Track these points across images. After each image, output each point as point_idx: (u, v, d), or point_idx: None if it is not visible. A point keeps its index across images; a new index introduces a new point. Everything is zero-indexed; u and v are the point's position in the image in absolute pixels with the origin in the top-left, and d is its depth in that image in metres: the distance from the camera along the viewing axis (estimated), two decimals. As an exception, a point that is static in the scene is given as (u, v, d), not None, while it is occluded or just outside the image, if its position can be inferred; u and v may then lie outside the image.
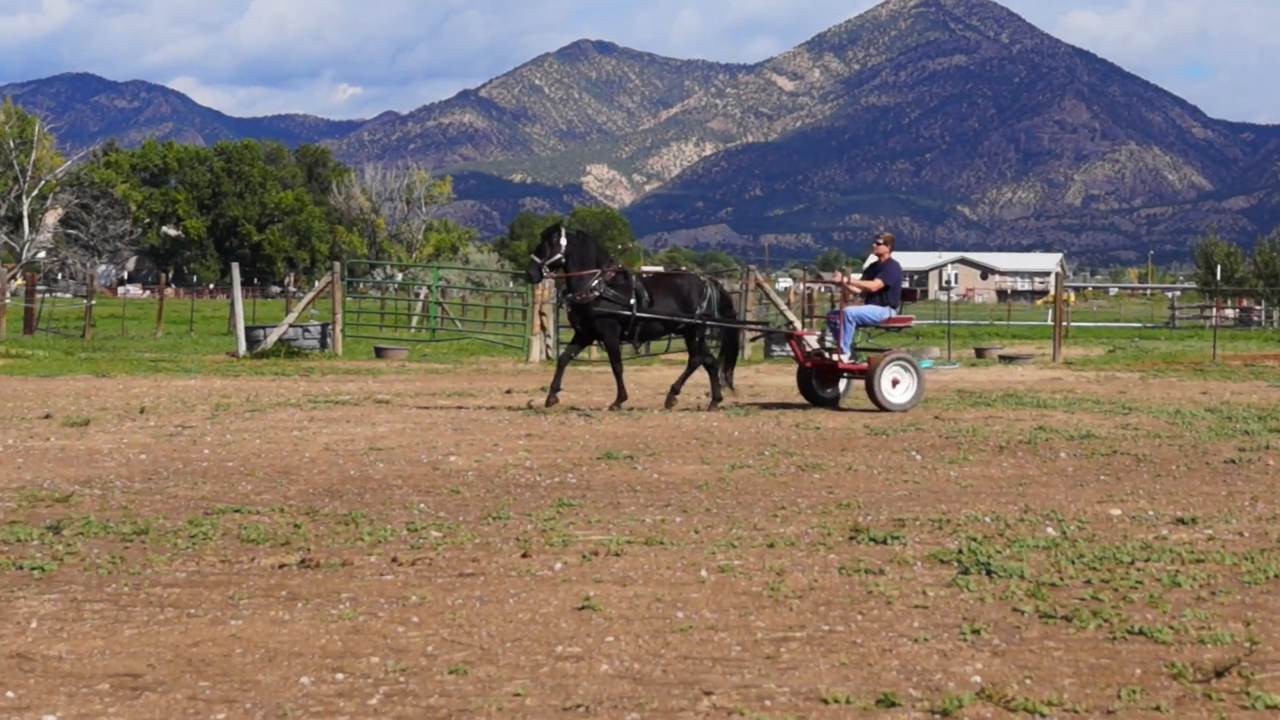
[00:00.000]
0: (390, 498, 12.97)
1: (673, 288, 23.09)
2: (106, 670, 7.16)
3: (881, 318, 23.38)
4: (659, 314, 22.51)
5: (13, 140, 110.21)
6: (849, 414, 21.71)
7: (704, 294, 22.96)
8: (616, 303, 22.20)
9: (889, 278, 23.40)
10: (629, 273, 23.05)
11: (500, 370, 34.21)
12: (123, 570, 9.50)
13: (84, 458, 15.51)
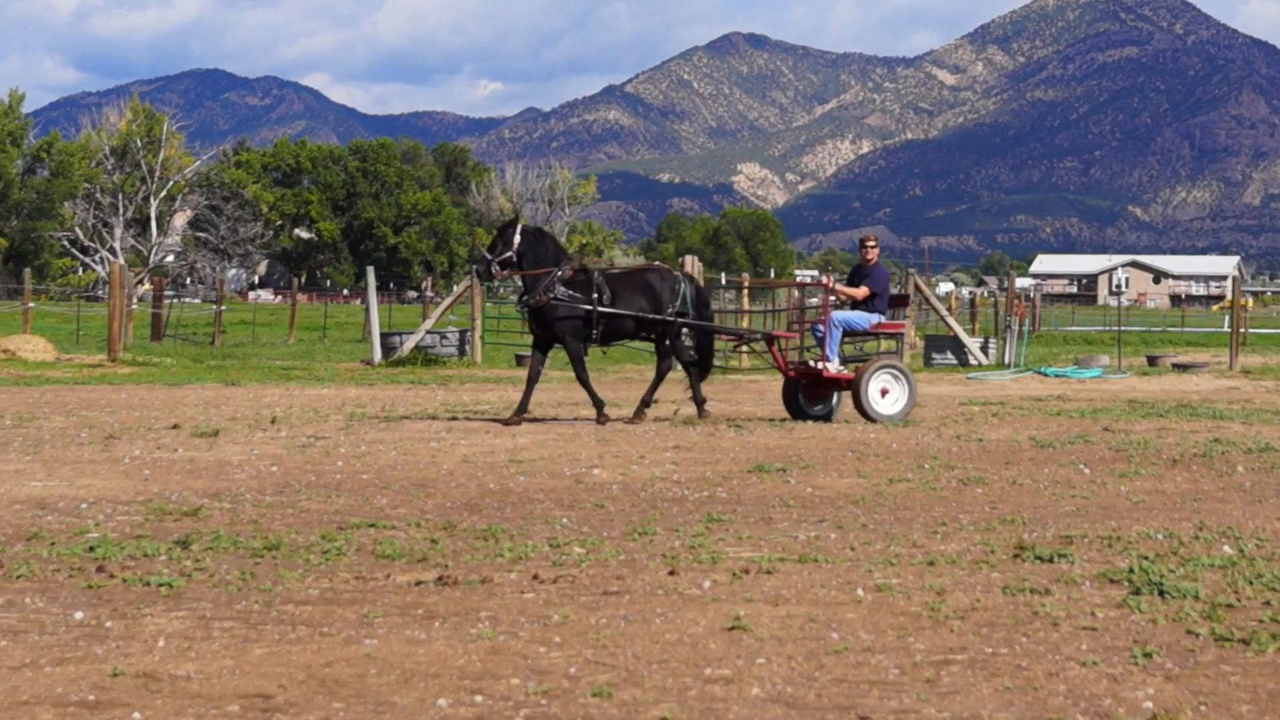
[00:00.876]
0: (531, 512, 13.02)
1: (641, 284, 22.34)
2: (236, 691, 7.24)
3: (869, 324, 22.79)
4: (622, 311, 21.83)
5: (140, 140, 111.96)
6: (1013, 425, 21.50)
7: (676, 290, 22.22)
8: (574, 302, 21.51)
9: (875, 283, 22.86)
10: (589, 269, 22.37)
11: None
12: (253, 587, 9.61)
13: (213, 470, 15.71)
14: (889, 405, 21.84)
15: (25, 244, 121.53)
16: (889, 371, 21.95)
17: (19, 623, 8.58)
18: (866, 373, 21.79)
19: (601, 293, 21.65)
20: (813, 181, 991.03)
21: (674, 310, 22.03)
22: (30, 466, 15.69)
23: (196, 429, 19.77)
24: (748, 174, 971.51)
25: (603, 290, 21.70)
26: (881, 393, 21.87)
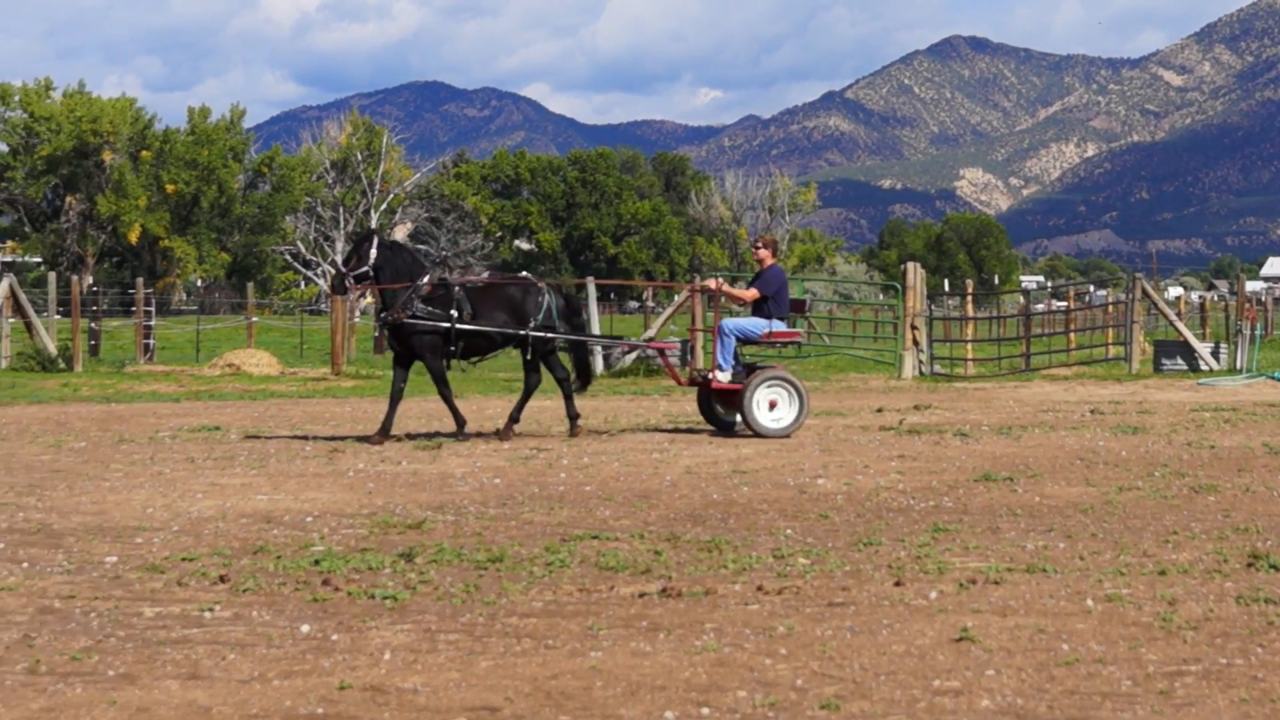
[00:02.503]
0: (755, 523, 13.03)
1: (502, 297, 21.47)
2: (463, 704, 7.33)
3: (762, 331, 21.63)
4: (482, 326, 21.07)
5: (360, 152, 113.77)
6: (1245, 432, 21.09)
7: (540, 303, 21.36)
8: (432, 318, 20.78)
9: (765, 286, 21.81)
10: (450, 282, 21.56)
11: (870, 387, 34.07)
12: (477, 599, 9.72)
13: (436, 482, 15.89)
14: (777, 418, 21.00)
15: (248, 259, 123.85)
16: (778, 383, 21.09)
17: (247, 636, 8.74)
18: (752, 384, 20.95)
19: (461, 308, 21.00)
20: (1037, 186, 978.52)
21: (537, 323, 21.20)
22: (256, 480, 15.99)
23: (420, 442, 20.00)
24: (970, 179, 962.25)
25: (463, 305, 21.05)
26: (770, 405, 21.02)
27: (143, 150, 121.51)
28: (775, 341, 21.80)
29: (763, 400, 20.88)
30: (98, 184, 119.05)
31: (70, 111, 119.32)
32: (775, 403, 20.95)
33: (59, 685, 7.66)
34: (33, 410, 26.61)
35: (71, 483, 15.59)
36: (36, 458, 18.19)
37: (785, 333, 21.86)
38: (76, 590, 9.99)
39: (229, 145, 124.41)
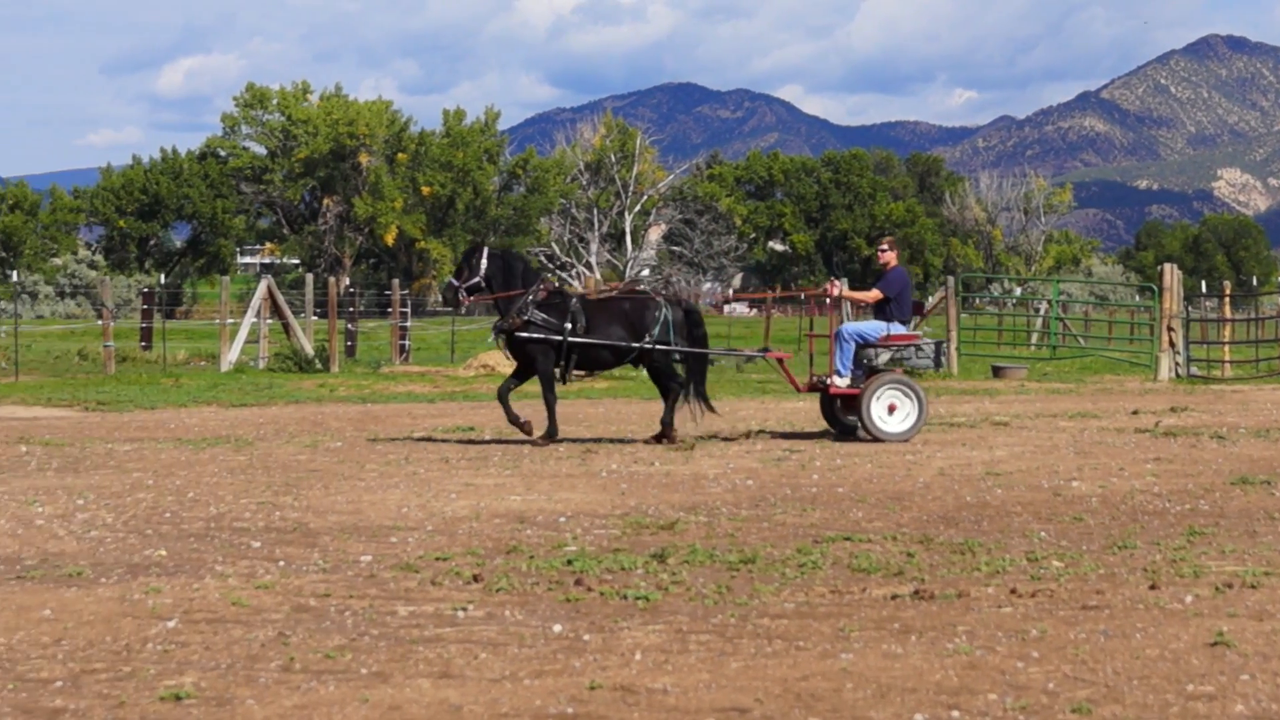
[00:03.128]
0: (1008, 525, 12.90)
1: (618, 311, 21.06)
2: (712, 705, 7.34)
3: (880, 334, 21.32)
4: (597, 340, 20.72)
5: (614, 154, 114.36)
6: None
7: (657, 316, 20.90)
8: (547, 327, 20.56)
9: (889, 288, 21.52)
10: (566, 293, 21.38)
11: (1126, 389, 33.57)
12: (729, 600, 9.72)
13: (689, 483, 15.93)
14: (896, 423, 20.60)
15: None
16: (896, 387, 20.75)
17: (499, 635, 8.83)
18: (871, 388, 20.65)
19: (576, 320, 20.67)
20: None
21: (653, 338, 20.81)
22: (510, 481, 16.15)
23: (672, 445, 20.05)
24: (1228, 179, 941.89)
25: (578, 317, 20.70)
26: (889, 409, 20.62)
27: (399, 153, 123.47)
28: (892, 345, 21.34)
29: (882, 404, 20.61)
30: (354, 186, 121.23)
31: (327, 114, 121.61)
32: (894, 406, 20.64)
33: (312, 683, 7.79)
34: (290, 410, 27.15)
35: (327, 482, 15.88)
36: (293, 457, 18.56)
37: (904, 335, 21.51)
38: (331, 589, 10.17)
39: (484, 147, 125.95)
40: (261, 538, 12.32)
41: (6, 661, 8.17)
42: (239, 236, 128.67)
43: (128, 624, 9.06)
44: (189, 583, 10.32)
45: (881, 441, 20.14)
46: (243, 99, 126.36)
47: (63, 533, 12.50)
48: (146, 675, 7.90)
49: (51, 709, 7.31)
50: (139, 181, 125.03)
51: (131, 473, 16.67)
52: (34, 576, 10.56)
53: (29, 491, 14.82)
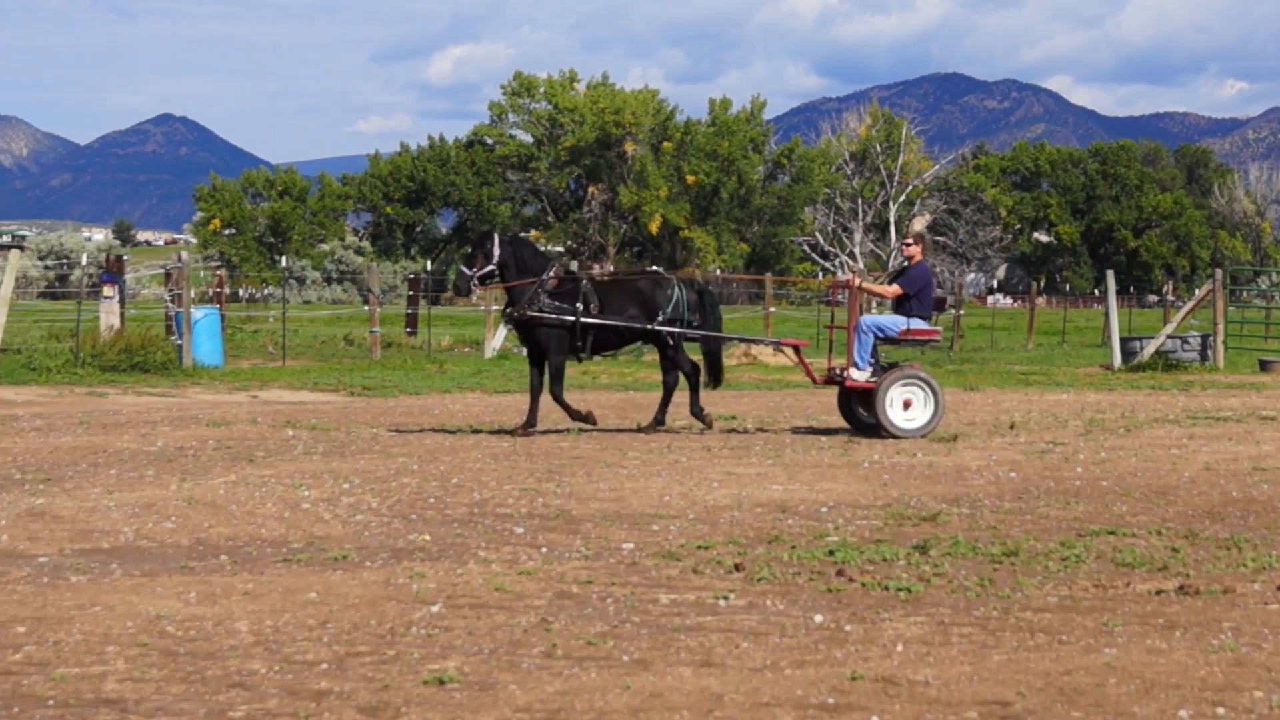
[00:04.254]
0: (1275, 521, 12.65)
1: (631, 291, 20.71)
2: (974, 698, 7.26)
3: (899, 329, 20.66)
4: (611, 320, 20.33)
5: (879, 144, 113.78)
6: None
7: (669, 296, 20.61)
8: (559, 312, 20.10)
9: (910, 284, 20.84)
10: (576, 276, 20.82)
11: None
12: (991, 593, 9.62)
13: (951, 475, 15.79)
14: (911, 419, 19.98)
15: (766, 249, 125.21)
16: (911, 382, 20.13)
17: (760, 624, 8.81)
18: (886, 383, 19.99)
19: (589, 302, 20.24)
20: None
21: (666, 317, 20.47)
22: (772, 470, 16.12)
23: (935, 434, 19.90)
24: None
25: (590, 299, 20.27)
26: (904, 405, 20.01)
27: (664, 141, 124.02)
28: (912, 340, 20.93)
29: (897, 399, 20.04)
30: (619, 174, 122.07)
31: (594, 103, 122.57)
32: (910, 402, 20.07)
33: (574, 669, 7.84)
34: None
35: (590, 469, 15.97)
36: (555, 444, 18.70)
37: (923, 330, 20.94)
38: (594, 576, 10.22)
39: (749, 136, 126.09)
40: (524, 524, 12.43)
41: (273, 643, 8.32)
42: (504, 224, 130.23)
43: (392, 608, 9.19)
44: (453, 568, 10.44)
45: (898, 438, 19.69)
46: (510, 87, 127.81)
47: (328, 516, 12.72)
48: (410, 659, 8.01)
49: (317, 691, 7.43)
50: (406, 169, 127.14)
51: (396, 458, 16.92)
52: (300, 559, 10.75)
53: (295, 475, 15.11)
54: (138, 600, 9.26)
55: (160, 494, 13.69)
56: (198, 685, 7.48)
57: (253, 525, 12.22)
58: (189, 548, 11.27)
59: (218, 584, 9.79)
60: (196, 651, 8.11)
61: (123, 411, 23.06)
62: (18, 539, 11.42)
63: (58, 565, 10.43)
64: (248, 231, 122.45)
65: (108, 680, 7.54)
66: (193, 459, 16.67)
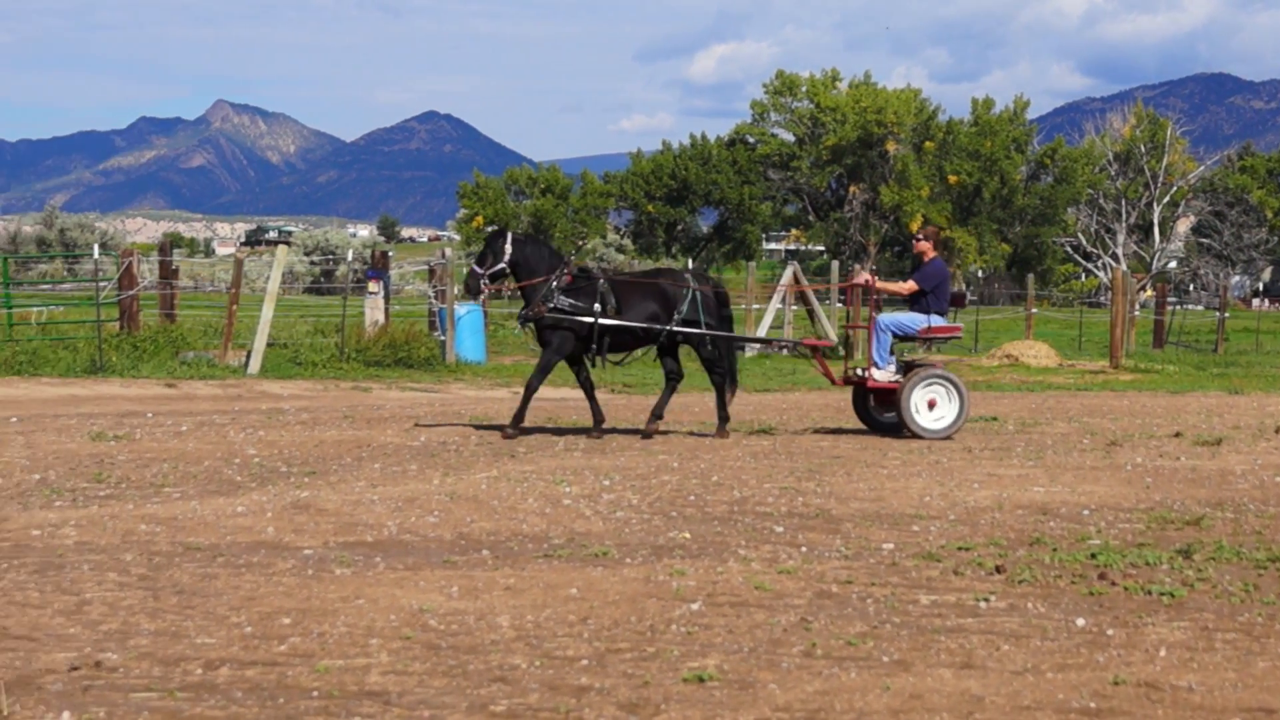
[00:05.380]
0: None
1: (650, 289, 19.90)
2: (1239, 704, 7.12)
3: (919, 326, 20.18)
4: (631, 321, 19.53)
5: (1144, 145, 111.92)
6: None
7: (685, 294, 19.78)
8: (574, 311, 19.30)
9: (924, 280, 20.29)
10: (592, 273, 20.01)
11: None
12: (1256, 599, 9.43)
13: (1215, 479, 15.48)
14: (936, 419, 19.46)
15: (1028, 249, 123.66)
16: (938, 381, 19.58)
17: (1021, 627, 8.71)
18: (911, 382, 19.44)
19: (605, 302, 19.46)
20: None
21: (682, 316, 19.65)
22: (1033, 472, 15.93)
23: (1198, 437, 19.53)
24: None
25: (607, 299, 19.50)
26: (928, 405, 19.44)
27: (926, 141, 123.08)
28: (933, 338, 20.45)
29: (921, 399, 19.54)
30: (881, 174, 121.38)
31: (855, 102, 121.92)
32: (934, 402, 19.58)
33: (834, 669, 7.80)
34: (813, 396, 27.37)
35: (850, 469, 15.90)
36: (816, 444, 18.65)
37: (944, 328, 20.59)
38: (853, 576, 10.17)
39: (1012, 136, 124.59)
40: (784, 523, 12.41)
41: (534, 638, 8.38)
42: (765, 223, 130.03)
43: (652, 605, 9.21)
44: (712, 566, 10.44)
45: (922, 438, 19.25)
46: (772, 86, 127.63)
47: (589, 513, 12.79)
48: (670, 656, 8.02)
49: (577, 686, 7.47)
50: (668, 167, 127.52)
51: (656, 455, 16.99)
52: (561, 555, 10.83)
53: (557, 471, 15.22)
54: (401, 594, 9.39)
55: (423, 488, 13.87)
56: (459, 679, 7.56)
57: (514, 520, 12.33)
58: (451, 542, 11.40)
59: (480, 578, 9.89)
60: (458, 645, 8.20)
61: (386, 406, 23.45)
62: (284, 532, 11.64)
63: (322, 558, 10.62)
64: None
65: (371, 673, 7.65)
66: (455, 454, 16.89)
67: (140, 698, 7.12)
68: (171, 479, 14.45)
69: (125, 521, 11.82)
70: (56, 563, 10.22)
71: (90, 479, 14.31)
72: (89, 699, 7.07)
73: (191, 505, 12.69)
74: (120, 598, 9.17)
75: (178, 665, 7.71)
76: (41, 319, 36.67)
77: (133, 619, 8.65)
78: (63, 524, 11.67)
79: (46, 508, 12.60)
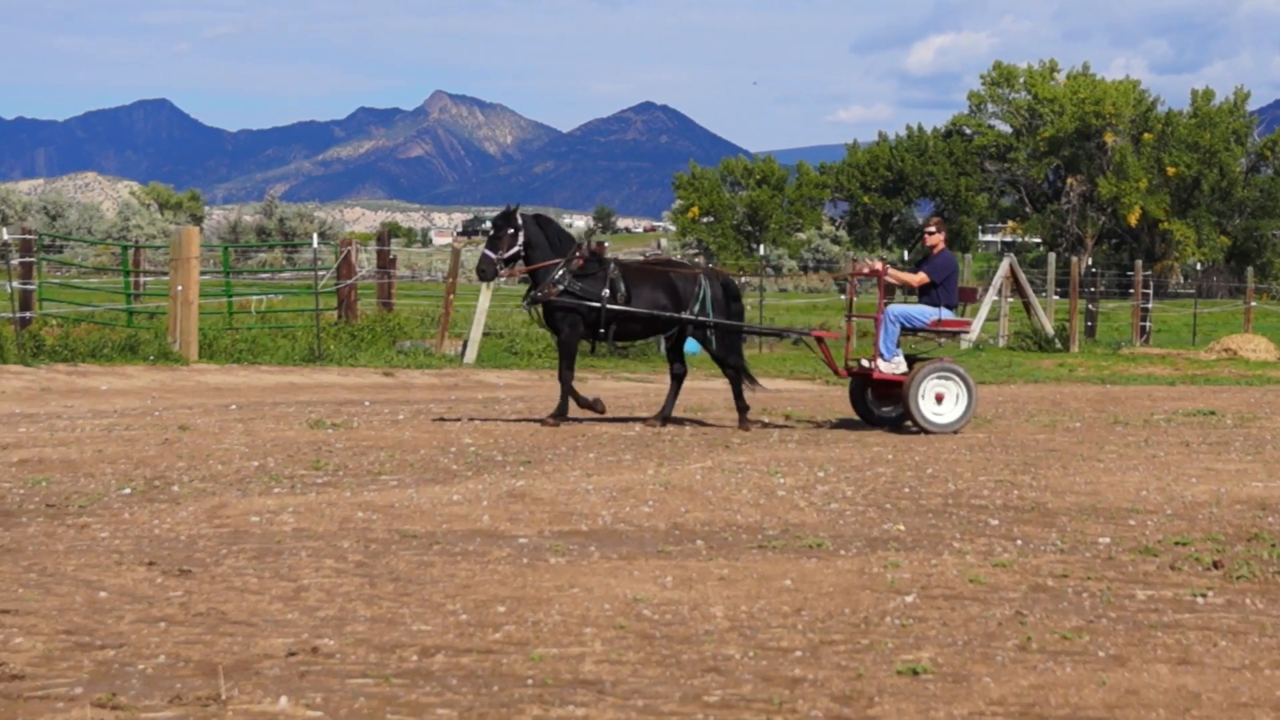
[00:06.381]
0: None
1: (661, 279, 19.34)
2: None
3: (929, 319, 19.55)
4: (640, 308, 19.00)
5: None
6: None
7: (697, 293, 19.18)
8: (585, 295, 18.74)
9: (934, 271, 19.65)
10: (604, 258, 19.22)
11: None
12: None
13: None
14: (944, 413, 18.78)
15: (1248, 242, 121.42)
16: (946, 375, 18.89)
17: (1239, 623, 8.58)
18: (919, 375, 18.75)
19: (615, 288, 18.88)
20: None
21: (694, 311, 19.10)
22: (1251, 467, 15.66)
23: None
24: None
25: (617, 285, 18.92)
26: (936, 399, 18.75)
27: (1144, 133, 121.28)
28: (943, 331, 19.96)
29: (929, 393, 18.88)
30: (1098, 166, 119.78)
31: (1073, 93, 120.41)
32: (942, 396, 18.92)
33: (1049, 663, 7.72)
34: (1028, 389, 27.10)
35: (1066, 462, 15.73)
36: (1032, 436, 18.48)
37: (954, 321, 20.04)
38: (1069, 569, 10.06)
39: (1231, 128, 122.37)
40: (999, 516, 12.31)
41: (747, 629, 8.38)
42: (981, 214, 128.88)
43: (866, 597, 9.18)
44: (926, 558, 10.39)
45: (929, 433, 18.65)
46: (990, 77, 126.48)
47: (803, 504, 12.77)
48: (884, 648, 7.99)
49: (791, 678, 7.46)
50: (884, 158, 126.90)
51: (871, 447, 16.93)
52: (775, 546, 10.82)
53: (771, 462, 15.21)
54: (615, 583, 9.44)
55: (638, 478, 13.93)
56: (673, 669, 7.59)
57: (728, 511, 12.35)
58: (665, 532, 11.44)
59: (693, 569, 9.92)
60: (672, 635, 8.23)
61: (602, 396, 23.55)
62: (499, 520, 11.75)
63: (537, 547, 10.70)
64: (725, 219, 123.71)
65: (585, 661, 7.69)
66: (669, 444, 16.95)
67: (356, 684, 7.22)
68: (388, 467, 14.65)
69: (343, 509, 12.00)
70: (275, 549, 10.40)
71: (308, 466, 14.56)
72: (306, 684, 7.19)
73: (408, 493, 12.86)
74: (337, 584, 9.32)
75: (393, 652, 7.81)
76: (261, 308, 37.41)
77: (349, 605, 8.78)
78: (281, 510, 11.87)
79: (265, 494, 12.83)
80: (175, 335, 27.59)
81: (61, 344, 26.85)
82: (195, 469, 14.23)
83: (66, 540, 10.66)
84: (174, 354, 27.13)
